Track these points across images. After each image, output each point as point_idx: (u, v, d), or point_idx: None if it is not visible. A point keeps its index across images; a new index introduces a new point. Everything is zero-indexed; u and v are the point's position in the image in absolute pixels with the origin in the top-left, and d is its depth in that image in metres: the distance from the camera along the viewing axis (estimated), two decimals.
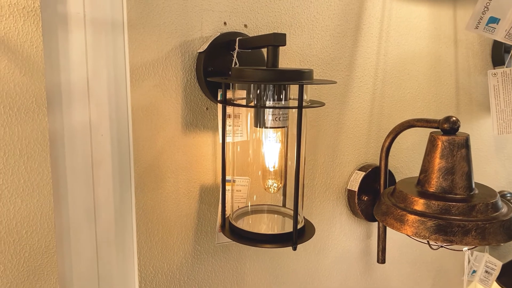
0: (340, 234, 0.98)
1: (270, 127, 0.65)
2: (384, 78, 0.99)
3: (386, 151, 0.92)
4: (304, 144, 0.77)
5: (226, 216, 0.71)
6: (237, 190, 0.75)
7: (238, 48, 0.72)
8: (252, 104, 0.66)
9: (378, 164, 0.97)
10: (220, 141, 0.71)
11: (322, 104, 0.68)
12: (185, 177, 0.75)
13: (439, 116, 0.92)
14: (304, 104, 0.67)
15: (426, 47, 1.04)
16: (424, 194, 0.78)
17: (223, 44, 0.73)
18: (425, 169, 0.80)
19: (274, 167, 0.69)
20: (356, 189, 0.94)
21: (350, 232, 0.99)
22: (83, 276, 0.71)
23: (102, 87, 0.69)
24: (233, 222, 0.69)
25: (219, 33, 0.74)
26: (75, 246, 0.70)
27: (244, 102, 0.71)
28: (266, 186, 0.70)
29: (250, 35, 0.79)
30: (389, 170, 1.00)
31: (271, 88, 0.64)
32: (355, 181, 0.95)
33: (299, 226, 0.71)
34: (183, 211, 0.76)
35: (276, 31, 0.82)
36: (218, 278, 0.81)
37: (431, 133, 0.80)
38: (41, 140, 0.63)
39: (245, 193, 0.77)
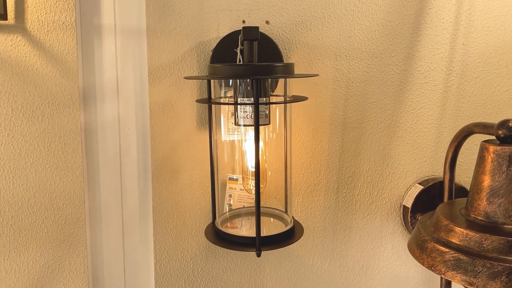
0: (393, 256, 0.83)
1: (243, 125, 0.62)
2: (462, 72, 0.80)
3: (450, 163, 0.75)
4: (289, 143, 0.70)
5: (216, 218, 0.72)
6: (241, 189, 0.74)
7: (241, 45, 0.71)
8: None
9: None
10: (220, 139, 0.72)
11: (292, 101, 0.61)
12: (199, 172, 0.79)
13: None
14: (278, 99, 0.63)
15: None
16: (461, 219, 0.61)
17: (232, 42, 0.74)
18: (471, 187, 0.62)
19: (253, 167, 0.65)
20: (410, 206, 0.79)
21: (406, 256, 0.83)
22: (112, 249, 0.82)
23: (129, 87, 0.79)
24: (217, 223, 0.69)
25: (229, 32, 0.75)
26: (106, 222, 0.82)
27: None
28: (248, 187, 0.67)
29: (273, 32, 0.76)
30: (462, 186, 0.80)
31: (242, 84, 0.61)
32: (411, 196, 0.80)
33: (287, 228, 0.66)
34: (197, 204, 0.79)
35: (303, 26, 0.77)
36: (234, 276, 0.82)
37: (482, 141, 0.62)
38: (75, 130, 0.77)
39: (251, 192, 0.75)
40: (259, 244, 0.60)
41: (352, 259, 0.83)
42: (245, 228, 0.73)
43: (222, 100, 0.68)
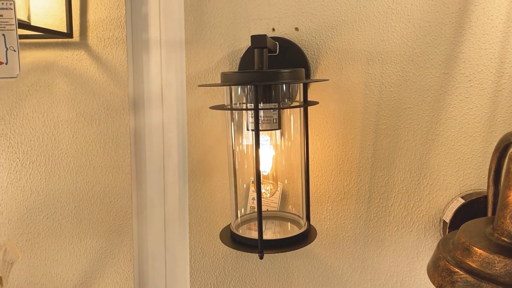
0: None
1: (251, 130, 0.64)
2: None
3: (494, 175, 0.67)
4: (305, 149, 0.69)
5: (235, 219, 0.74)
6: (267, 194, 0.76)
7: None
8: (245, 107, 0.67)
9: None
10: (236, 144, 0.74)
11: (296, 106, 0.61)
12: (237, 174, 0.82)
13: None
14: (291, 104, 0.64)
15: None
16: (482, 238, 0.55)
17: None
18: (498, 203, 0.56)
19: (265, 171, 0.67)
20: (448, 221, 0.73)
21: None
22: (155, 241, 0.90)
23: (171, 94, 0.86)
24: (232, 225, 0.71)
25: None
26: (150, 217, 0.90)
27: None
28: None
29: (302, 38, 0.77)
30: None
31: (251, 91, 0.64)
32: (451, 210, 0.73)
33: (301, 230, 0.66)
34: (228, 206, 0.83)
35: (333, 31, 0.76)
36: (262, 278, 0.83)
37: (510, 152, 0.55)
38: (125, 132, 0.87)
39: (276, 197, 0.77)
40: (262, 246, 0.61)
41: (385, 273, 0.78)
42: (269, 232, 0.75)
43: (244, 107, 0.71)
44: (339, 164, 0.78)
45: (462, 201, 0.72)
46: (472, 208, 0.71)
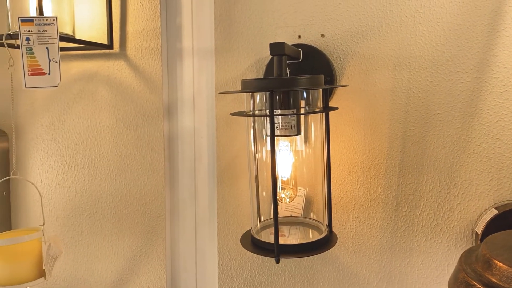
0: None
1: (267, 135, 0.65)
2: None
3: None
4: (326, 155, 0.69)
5: (255, 224, 0.75)
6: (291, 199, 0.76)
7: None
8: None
9: None
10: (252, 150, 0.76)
11: (312, 112, 0.62)
12: (258, 180, 0.84)
13: None
14: (308, 109, 0.64)
15: None
16: (505, 250, 0.53)
17: None
18: None
19: (285, 176, 0.67)
20: (480, 233, 0.69)
21: None
22: (186, 242, 0.93)
23: (202, 101, 0.90)
24: (253, 231, 0.72)
25: None
26: (182, 219, 0.93)
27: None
28: (278, 196, 0.69)
29: (327, 45, 0.77)
30: None
31: (267, 97, 0.65)
32: (483, 222, 0.70)
33: (321, 236, 0.67)
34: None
35: (359, 36, 0.76)
36: (287, 283, 0.84)
37: None
38: (159, 137, 0.91)
39: (299, 203, 0.77)
40: (278, 251, 0.62)
41: (413, 285, 0.76)
42: (292, 237, 0.75)
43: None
44: (366, 171, 0.77)
45: (496, 212, 0.69)
46: (507, 220, 0.67)
